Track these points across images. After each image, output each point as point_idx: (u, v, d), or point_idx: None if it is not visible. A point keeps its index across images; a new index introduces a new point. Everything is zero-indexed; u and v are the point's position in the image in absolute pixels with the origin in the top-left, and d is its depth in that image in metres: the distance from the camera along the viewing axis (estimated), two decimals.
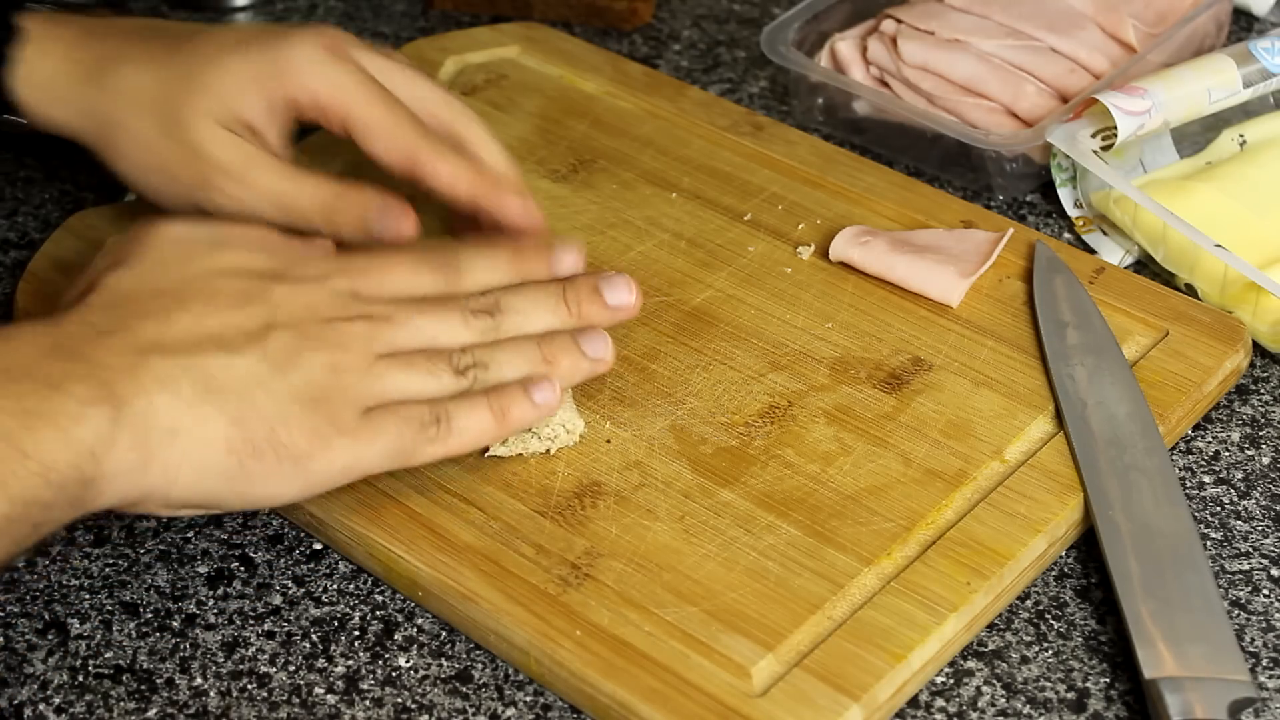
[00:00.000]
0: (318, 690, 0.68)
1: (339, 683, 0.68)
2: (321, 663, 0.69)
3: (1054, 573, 0.72)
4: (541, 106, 0.95)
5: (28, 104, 0.78)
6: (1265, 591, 0.72)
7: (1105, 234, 0.89)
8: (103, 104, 0.76)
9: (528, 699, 0.67)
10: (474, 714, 0.67)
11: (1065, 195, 0.91)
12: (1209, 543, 0.74)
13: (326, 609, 0.71)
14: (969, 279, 0.82)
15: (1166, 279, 0.86)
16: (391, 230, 0.73)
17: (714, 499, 0.72)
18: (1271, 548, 0.74)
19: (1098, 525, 0.71)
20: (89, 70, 0.77)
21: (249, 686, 0.68)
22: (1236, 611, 0.71)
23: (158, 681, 0.68)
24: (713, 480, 0.73)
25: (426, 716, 0.67)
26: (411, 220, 0.74)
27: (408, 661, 0.69)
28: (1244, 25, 1.05)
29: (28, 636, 0.70)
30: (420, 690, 0.68)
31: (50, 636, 0.70)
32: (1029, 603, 0.71)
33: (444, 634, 0.70)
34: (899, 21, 0.97)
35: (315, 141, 0.93)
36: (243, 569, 0.73)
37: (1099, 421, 0.75)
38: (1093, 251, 0.88)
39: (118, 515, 0.75)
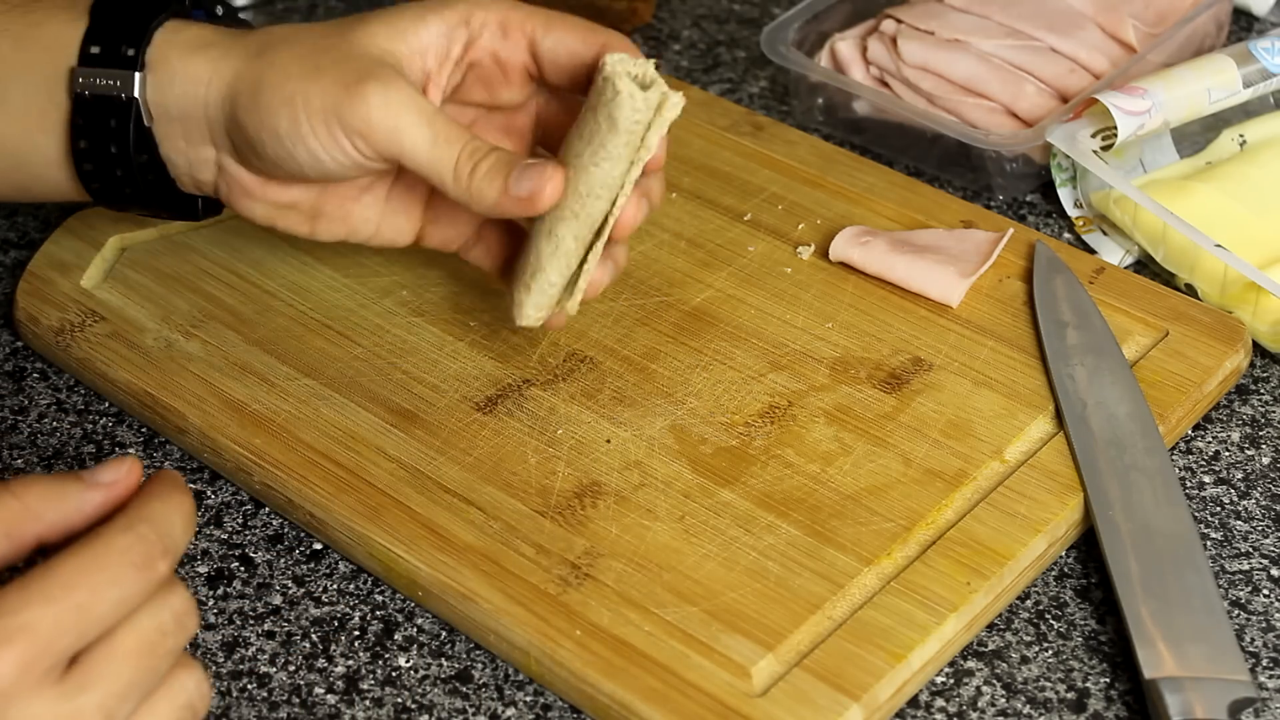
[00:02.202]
0: (318, 690, 0.68)
1: (339, 683, 0.68)
2: (321, 663, 0.69)
3: (1054, 573, 0.72)
4: None
5: (164, 93, 0.72)
6: (1265, 591, 0.72)
7: (1105, 234, 0.89)
8: (258, 49, 0.71)
9: (528, 699, 0.67)
10: (474, 714, 0.67)
11: (1065, 195, 0.91)
12: (1209, 543, 0.74)
13: (326, 609, 0.71)
14: (969, 279, 0.82)
15: (1166, 279, 0.86)
16: (534, 189, 0.68)
17: (714, 499, 0.72)
18: (1271, 548, 0.74)
19: (1098, 525, 0.71)
20: (238, 42, 0.72)
21: (249, 686, 0.68)
22: (1236, 611, 0.71)
23: None
24: (713, 480, 0.73)
25: (426, 716, 0.67)
26: (558, 179, 0.68)
27: (408, 661, 0.69)
28: (1244, 25, 1.05)
29: None
30: (420, 690, 0.68)
31: None
32: (1029, 603, 0.71)
33: (444, 634, 0.70)
34: (899, 21, 0.97)
35: None
36: (243, 569, 0.73)
37: (1099, 421, 0.75)
38: (1093, 251, 0.88)
39: None
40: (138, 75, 0.72)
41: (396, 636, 0.70)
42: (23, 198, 0.78)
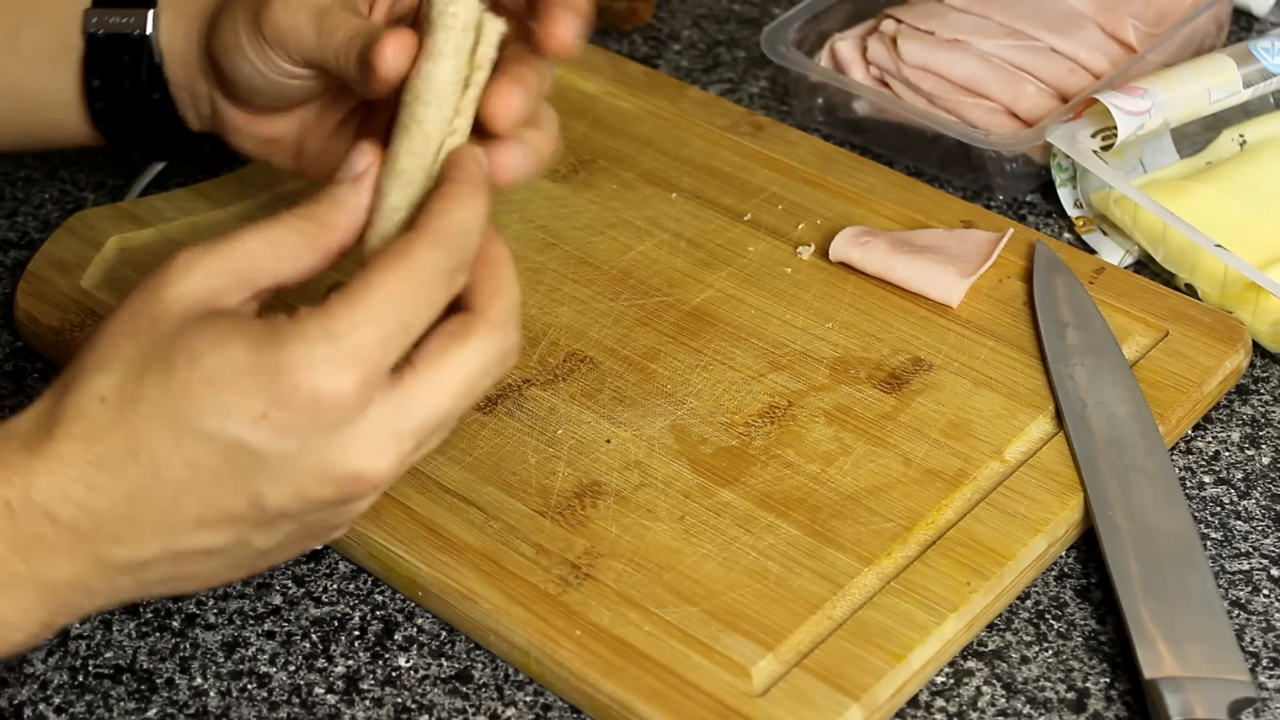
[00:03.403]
0: (318, 690, 0.68)
1: (339, 683, 0.68)
2: (321, 663, 0.69)
3: (1054, 573, 0.72)
4: None
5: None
6: (1265, 591, 0.72)
7: (1105, 234, 0.89)
8: None
9: (528, 699, 0.67)
10: (474, 714, 0.67)
11: (1065, 195, 0.91)
12: (1209, 543, 0.74)
13: (326, 609, 0.71)
14: (969, 279, 0.82)
15: (1166, 279, 0.86)
16: (375, 52, 0.63)
17: (714, 499, 0.72)
18: (1271, 548, 0.74)
19: (1098, 525, 0.71)
20: None
21: (249, 686, 0.68)
22: (1236, 611, 0.71)
23: (158, 681, 0.68)
24: (713, 480, 0.73)
25: (426, 716, 0.67)
26: (399, 44, 0.63)
27: (408, 661, 0.69)
28: (1244, 25, 1.05)
29: None
30: (420, 690, 0.68)
31: (50, 636, 0.70)
32: (1029, 603, 0.71)
33: (444, 634, 0.70)
34: (899, 21, 0.97)
35: None
36: None
37: (1099, 421, 0.75)
38: (1093, 251, 0.88)
39: None
40: (150, 12, 0.74)
41: (396, 636, 0.70)
42: (33, 145, 0.79)
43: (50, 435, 0.56)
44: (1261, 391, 0.81)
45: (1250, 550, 0.73)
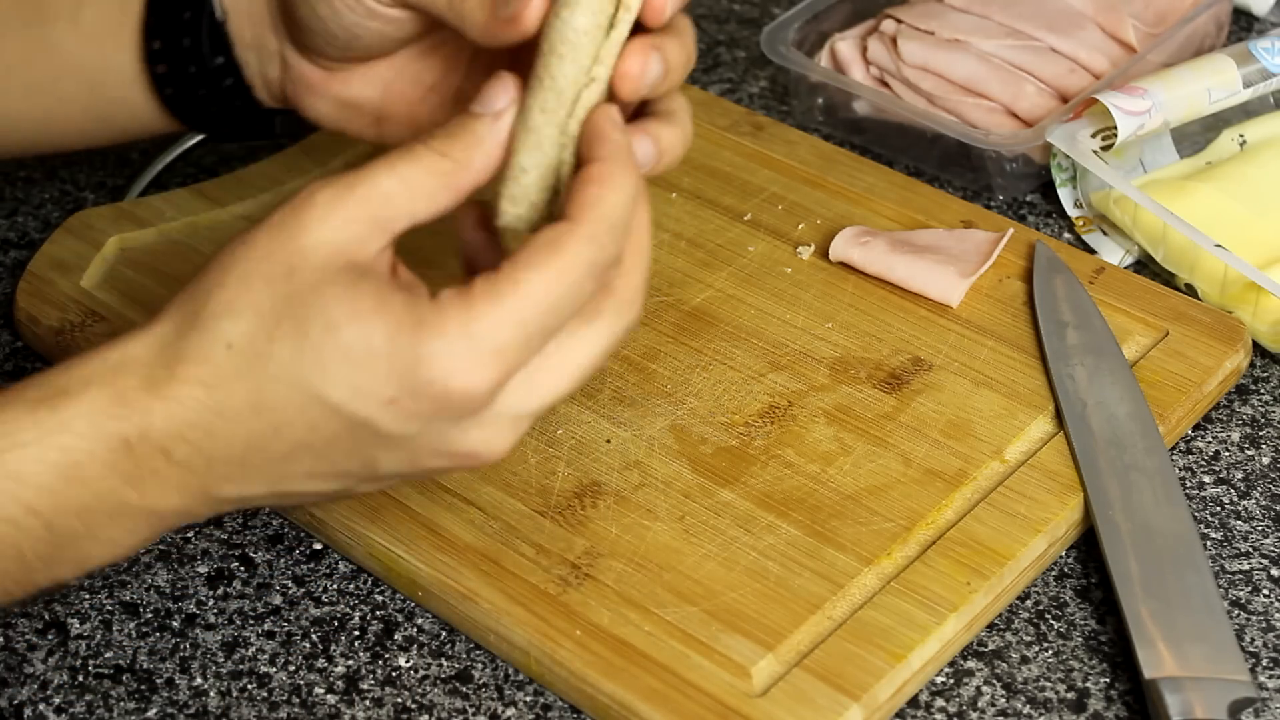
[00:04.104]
0: (318, 690, 0.68)
1: (339, 683, 0.68)
2: (321, 663, 0.69)
3: (1054, 573, 0.72)
4: None
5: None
6: (1265, 591, 0.72)
7: (1105, 234, 0.89)
8: None
9: (528, 699, 0.67)
10: (474, 714, 0.67)
11: (1065, 195, 0.91)
12: (1209, 543, 0.74)
13: (326, 609, 0.71)
14: (969, 279, 0.82)
15: (1166, 279, 0.86)
16: (517, 10, 0.60)
17: (714, 499, 0.72)
18: (1271, 548, 0.74)
19: (1098, 525, 0.71)
20: None
21: (249, 686, 0.68)
22: (1236, 611, 0.71)
23: (158, 681, 0.68)
24: (713, 480, 0.73)
25: (426, 716, 0.67)
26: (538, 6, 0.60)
27: (408, 661, 0.69)
28: (1244, 25, 1.05)
29: (28, 636, 0.70)
30: (420, 690, 0.68)
31: (50, 636, 0.70)
32: (1029, 603, 0.71)
33: (444, 634, 0.70)
34: (899, 21, 0.97)
35: (317, 140, 0.93)
36: (243, 569, 0.73)
37: (1099, 421, 0.75)
38: (1093, 251, 0.88)
39: None
40: None
41: (396, 636, 0.70)
42: (103, 131, 0.77)
43: (172, 375, 0.56)
44: (1261, 391, 0.81)
45: (1250, 550, 0.73)
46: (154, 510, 0.58)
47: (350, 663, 0.69)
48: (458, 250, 0.62)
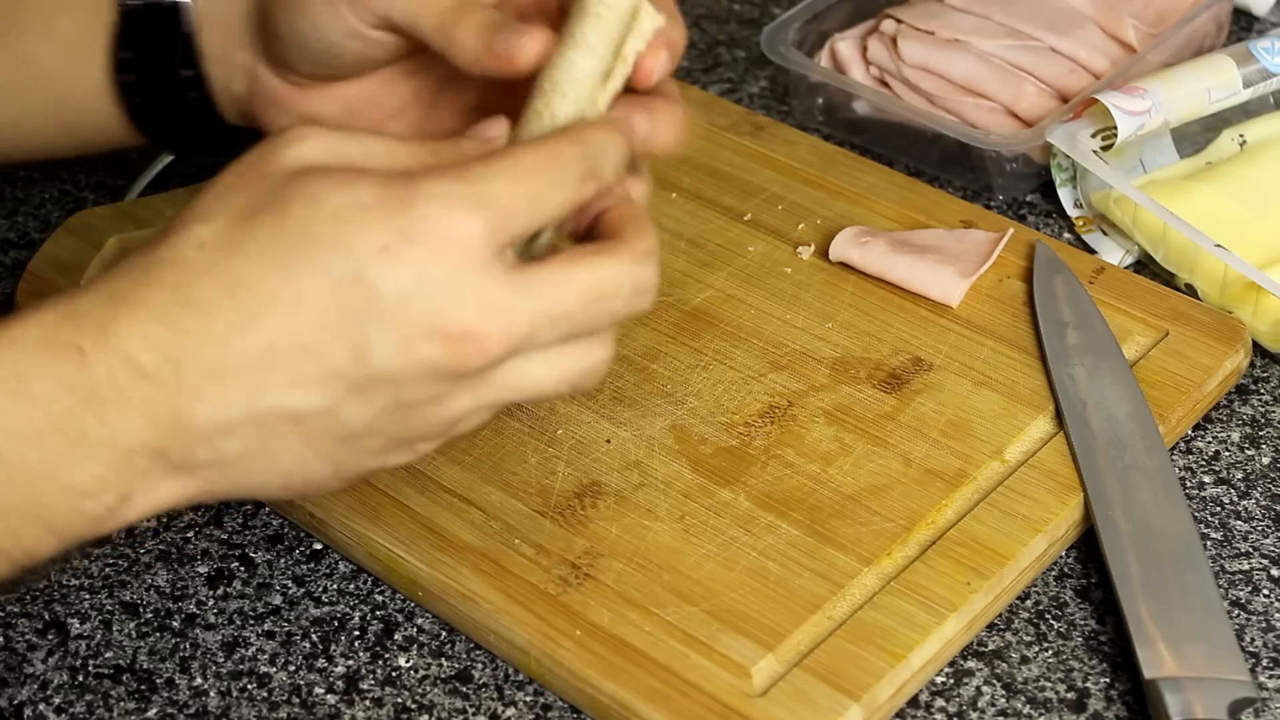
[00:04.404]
0: (318, 690, 0.68)
1: (339, 683, 0.68)
2: (321, 663, 0.69)
3: (1054, 573, 0.72)
4: None
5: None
6: (1265, 591, 0.72)
7: (1105, 234, 0.89)
8: None
9: (528, 699, 0.67)
10: (474, 714, 0.67)
11: (1065, 195, 0.91)
12: (1209, 543, 0.74)
13: (326, 609, 0.71)
14: (969, 279, 0.82)
15: (1166, 279, 0.86)
16: (512, 45, 0.61)
17: (714, 499, 0.72)
18: (1271, 548, 0.74)
19: (1098, 525, 0.71)
20: None
21: (249, 686, 0.68)
22: (1236, 611, 0.71)
23: (158, 681, 0.68)
24: (713, 480, 0.73)
25: (426, 716, 0.67)
26: (540, 40, 0.61)
27: (408, 661, 0.69)
28: (1244, 25, 1.05)
29: (28, 636, 0.70)
30: (420, 690, 0.68)
31: (50, 636, 0.70)
32: (1029, 603, 0.71)
33: (444, 634, 0.70)
34: (899, 21, 0.97)
35: None
36: (243, 569, 0.73)
37: (1099, 421, 0.75)
38: (1093, 251, 0.88)
39: None
40: None
41: (396, 636, 0.70)
42: (67, 143, 0.76)
43: (137, 284, 0.54)
44: (1261, 391, 0.81)
45: (1250, 550, 0.73)
46: (117, 444, 0.54)
47: (350, 663, 0.69)
48: None
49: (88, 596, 0.72)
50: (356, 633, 0.70)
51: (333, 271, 0.53)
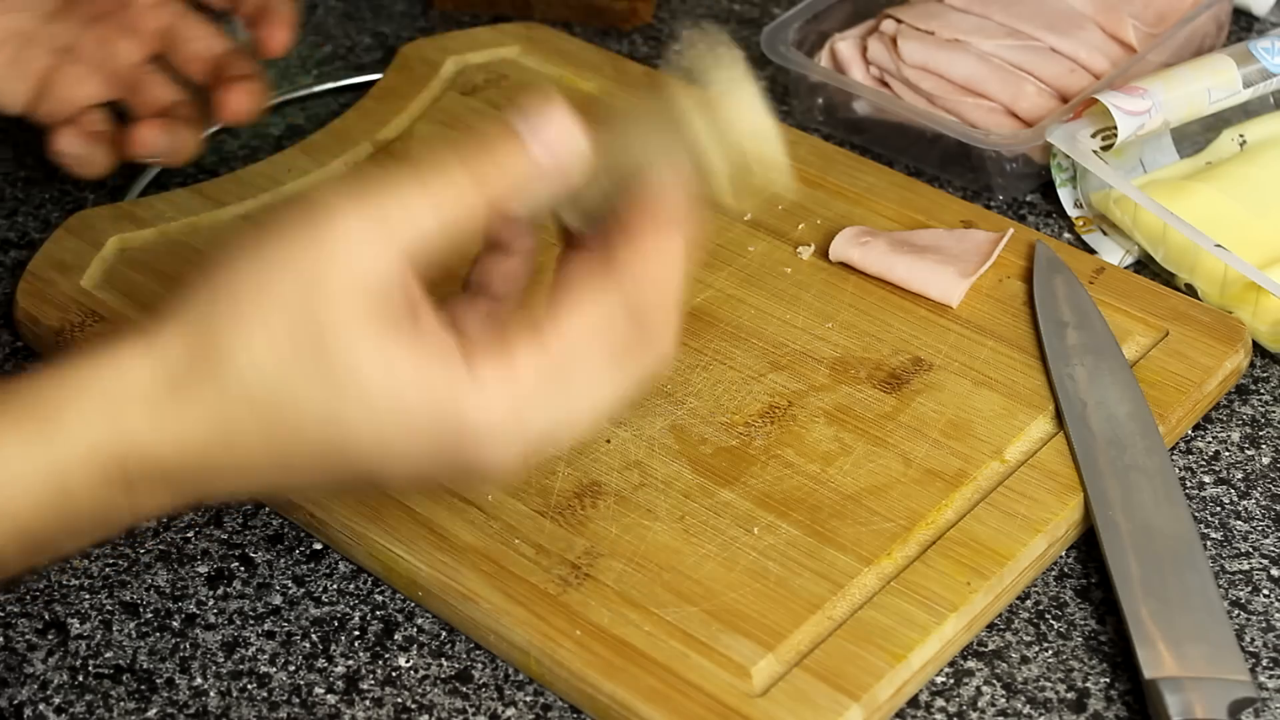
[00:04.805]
0: (318, 690, 0.68)
1: (339, 683, 0.68)
2: (321, 663, 0.69)
3: (1054, 573, 0.72)
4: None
5: None
6: (1265, 591, 0.72)
7: (1105, 234, 0.89)
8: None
9: (528, 699, 0.67)
10: (474, 714, 0.67)
11: (1065, 195, 0.91)
12: (1209, 543, 0.74)
13: (326, 609, 0.71)
14: (969, 279, 0.82)
15: (1166, 279, 0.86)
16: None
17: (714, 499, 0.72)
18: (1271, 548, 0.74)
19: (1098, 525, 0.71)
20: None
21: (249, 686, 0.68)
22: (1236, 611, 0.71)
23: (158, 681, 0.68)
24: (713, 480, 0.73)
25: (426, 716, 0.67)
26: None
27: (408, 661, 0.69)
28: (1244, 25, 1.05)
29: (28, 636, 0.70)
30: (420, 690, 0.68)
31: (50, 636, 0.70)
32: (1029, 603, 0.71)
33: (444, 634, 0.70)
34: (899, 21, 0.97)
35: (316, 140, 0.93)
36: (243, 569, 0.73)
37: (1099, 421, 0.75)
38: (1093, 251, 0.88)
39: None
40: None
41: (396, 636, 0.70)
42: None
43: (180, 410, 0.54)
44: (1261, 391, 0.81)
45: (1250, 550, 0.73)
46: (140, 510, 0.57)
47: (350, 663, 0.69)
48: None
49: (88, 596, 0.72)
50: (356, 633, 0.70)
51: (363, 467, 0.56)
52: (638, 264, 0.57)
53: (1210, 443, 0.78)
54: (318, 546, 0.74)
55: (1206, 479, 0.77)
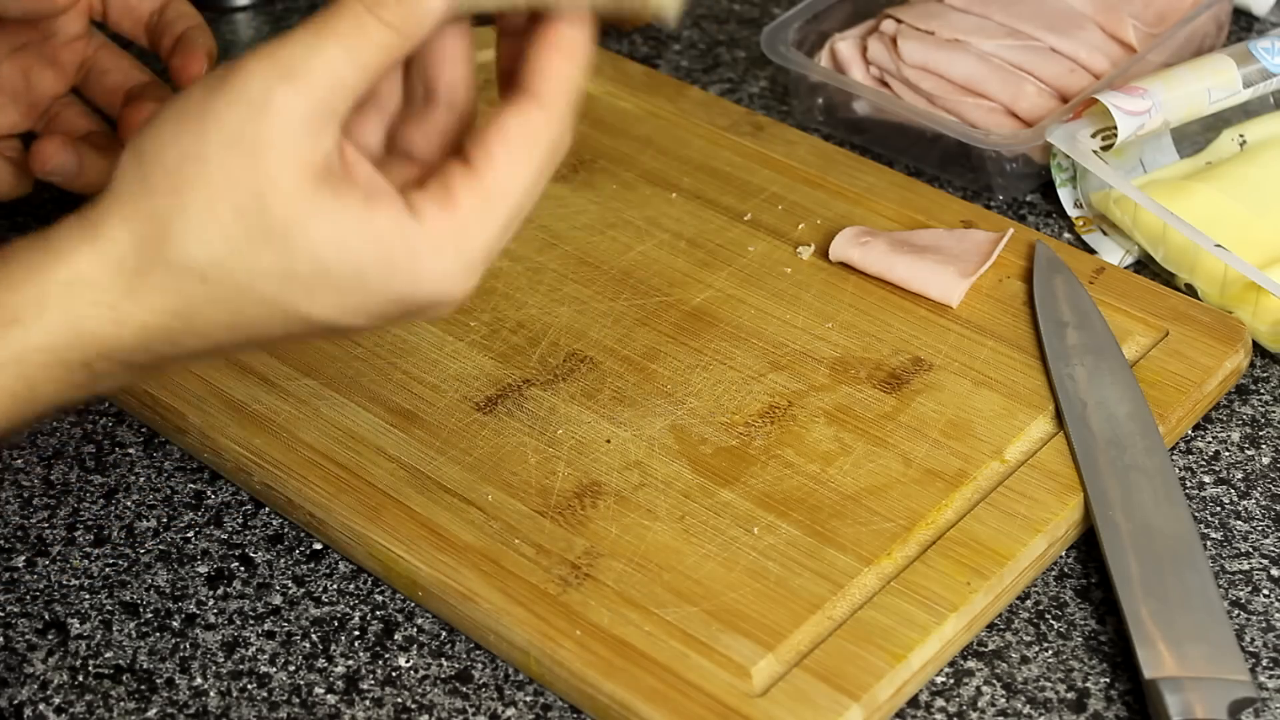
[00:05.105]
0: (318, 690, 0.68)
1: (339, 683, 0.68)
2: (321, 663, 0.69)
3: (1054, 573, 0.72)
4: None
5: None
6: (1265, 591, 0.72)
7: (1105, 234, 0.89)
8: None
9: (528, 699, 0.67)
10: (474, 714, 0.67)
11: (1065, 195, 0.91)
12: (1209, 543, 0.74)
13: (326, 609, 0.71)
14: (969, 279, 0.82)
15: (1166, 279, 0.86)
16: None
17: (714, 499, 0.72)
18: (1271, 548, 0.74)
19: (1098, 525, 0.71)
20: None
21: (249, 686, 0.68)
22: (1236, 611, 0.71)
23: (158, 681, 0.68)
24: (713, 480, 0.73)
25: (426, 716, 0.67)
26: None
27: (408, 661, 0.69)
28: (1244, 25, 1.05)
29: (28, 636, 0.70)
30: (420, 690, 0.68)
31: (50, 636, 0.70)
32: (1029, 603, 0.71)
33: (444, 634, 0.70)
34: (899, 21, 0.97)
35: None
36: (243, 569, 0.73)
37: (1099, 421, 0.75)
38: (1093, 251, 0.88)
39: (117, 515, 0.75)
40: None
41: (396, 636, 0.70)
42: None
43: (138, 304, 0.55)
44: (1261, 391, 0.81)
45: (1250, 550, 0.73)
46: (101, 388, 0.58)
47: (350, 663, 0.69)
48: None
49: (88, 596, 0.72)
50: (356, 633, 0.70)
51: (328, 324, 0.57)
52: (543, 86, 0.57)
53: (1210, 443, 0.78)
54: (318, 546, 0.74)
55: (1206, 479, 0.77)
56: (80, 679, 0.68)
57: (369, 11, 0.55)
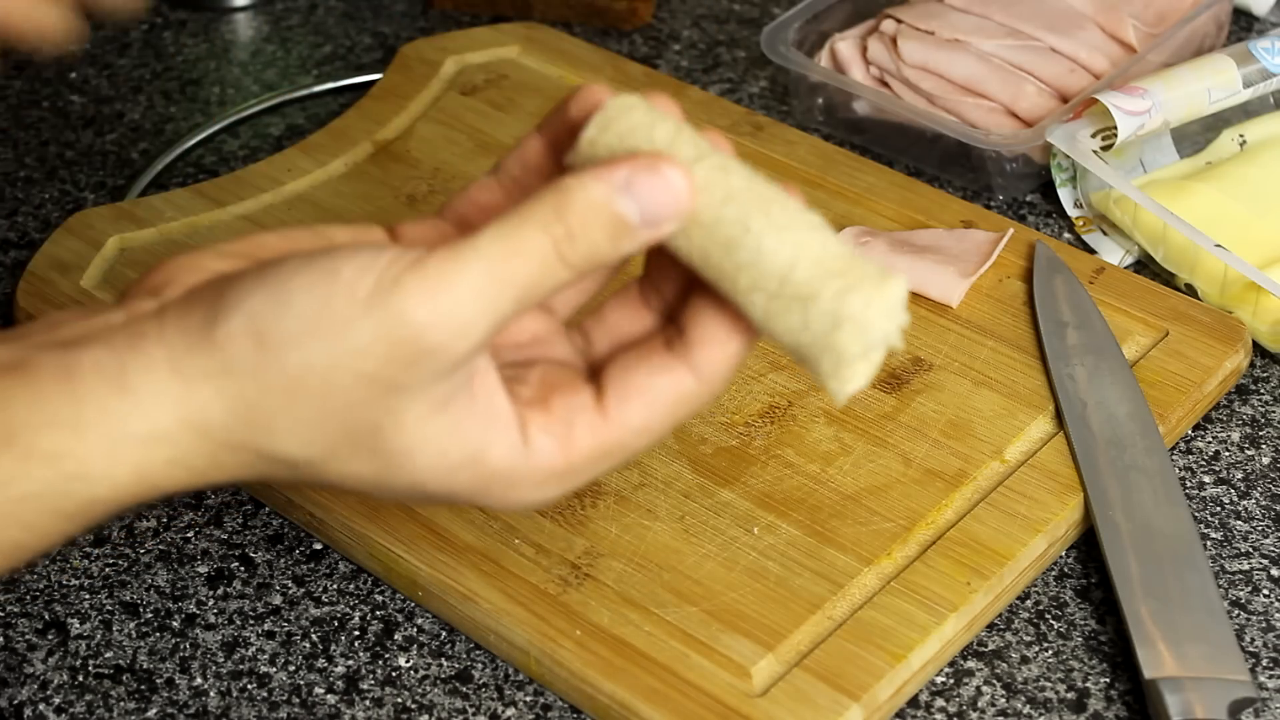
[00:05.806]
0: (318, 690, 0.68)
1: (339, 683, 0.68)
2: (321, 663, 0.69)
3: (1054, 573, 0.72)
4: (541, 106, 0.95)
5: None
6: (1265, 591, 0.72)
7: (1105, 234, 0.89)
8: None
9: (528, 699, 0.67)
10: (474, 714, 0.67)
11: (1065, 195, 0.91)
12: (1209, 543, 0.74)
13: (326, 609, 0.71)
14: (969, 279, 0.82)
15: (1166, 279, 0.86)
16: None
17: (714, 499, 0.72)
18: (1271, 548, 0.74)
19: (1098, 525, 0.71)
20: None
21: (249, 686, 0.68)
22: (1236, 611, 0.71)
23: (158, 681, 0.68)
24: (713, 480, 0.73)
25: (426, 716, 0.67)
26: None
27: (408, 661, 0.69)
28: (1244, 25, 1.05)
29: (28, 636, 0.70)
30: (420, 690, 0.68)
31: (50, 636, 0.70)
32: (1029, 603, 0.71)
33: (444, 634, 0.70)
34: (899, 21, 0.97)
35: (316, 141, 0.93)
36: (243, 569, 0.73)
37: (1099, 421, 0.75)
38: (1093, 251, 0.88)
39: (117, 515, 0.75)
40: None
41: (396, 636, 0.70)
42: None
43: (217, 463, 0.52)
44: (1261, 391, 0.81)
45: (1250, 550, 0.73)
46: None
47: (350, 663, 0.69)
48: None
49: (88, 596, 0.72)
50: (356, 633, 0.70)
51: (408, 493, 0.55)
52: (707, 367, 0.54)
53: (1210, 443, 0.78)
54: (318, 546, 0.74)
55: (1206, 479, 0.77)
56: (80, 679, 0.68)
57: (560, 261, 0.50)
